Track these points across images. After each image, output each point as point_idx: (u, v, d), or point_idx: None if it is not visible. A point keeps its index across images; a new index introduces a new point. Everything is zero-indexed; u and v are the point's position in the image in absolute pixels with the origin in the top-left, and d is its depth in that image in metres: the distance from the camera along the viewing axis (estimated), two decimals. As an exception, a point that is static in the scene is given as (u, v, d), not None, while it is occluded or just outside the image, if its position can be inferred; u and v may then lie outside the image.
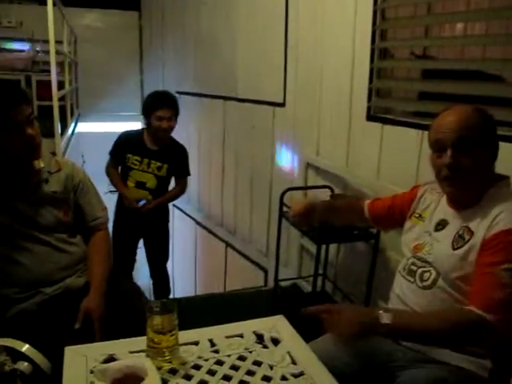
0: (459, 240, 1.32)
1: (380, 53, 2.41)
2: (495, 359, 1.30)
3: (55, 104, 3.02)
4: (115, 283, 1.80)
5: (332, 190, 2.72)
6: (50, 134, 3.34)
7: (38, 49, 5.61)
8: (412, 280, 1.43)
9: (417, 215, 1.53)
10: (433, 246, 1.40)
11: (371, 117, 2.46)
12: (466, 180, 1.33)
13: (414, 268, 1.44)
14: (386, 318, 1.18)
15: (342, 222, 2.05)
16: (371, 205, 1.72)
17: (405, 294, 1.44)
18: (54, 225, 1.72)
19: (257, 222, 3.83)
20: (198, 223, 4.98)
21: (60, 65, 4.34)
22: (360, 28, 2.46)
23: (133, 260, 3.36)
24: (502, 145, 1.71)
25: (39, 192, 1.70)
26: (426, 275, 1.39)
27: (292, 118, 3.18)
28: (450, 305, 1.31)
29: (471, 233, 1.30)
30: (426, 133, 2.04)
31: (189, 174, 3.26)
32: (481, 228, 1.27)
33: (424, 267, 1.40)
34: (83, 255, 1.81)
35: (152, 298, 3.51)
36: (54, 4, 3.11)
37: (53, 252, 1.71)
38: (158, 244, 3.35)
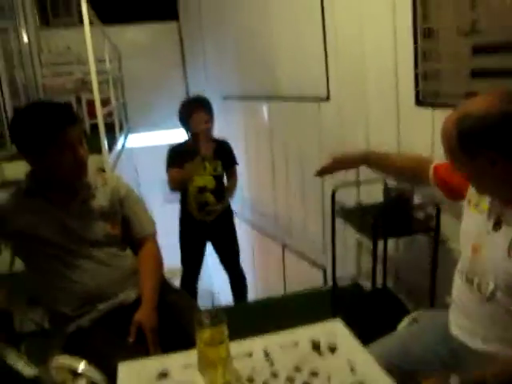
0: None
1: (424, 32, 2.27)
2: None
3: (100, 121, 3.08)
4: (167, 295, 1.79)
5: (386, 183, 2.60)
6: (100, 149, 3.42)
7: (85, 70, 5.79)
8: (470, 288, 1.30)
9: (475, 205, 1.36)
10: (490, 249, 1.25)
11: (420, 102, 2.33)
12: (483, 189, 1.28)
13: (470, 276, 1.30)
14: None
15: (398, 178, 1.93)
16: (436, 169, 1.58)
17: (464, 304, 1.32)
18: (103, 239, 1.74)
19: (311, 220, 3.75)
20: (252, 225, 4.96)
21: (105, 82, 4.46)
22: (400, 8, 2.33)
23: (200, 266, 3.42)
24: None
25: (86, 207, 1.72)
26: (484, 286, 1.25)
27: (338, 111, 3.08)
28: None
29: None
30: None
31: (237, 163, 3.32)
32: None
33: (482, 275, 1.26)
34: (134, 269, 1.81)
35: (230, 298, 3.61)
36: (92, 22, 3.16)
37: (104, 267, 1.72)
38: (227, 243, 3.41)
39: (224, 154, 3.19)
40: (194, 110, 2.98)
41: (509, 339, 1.22)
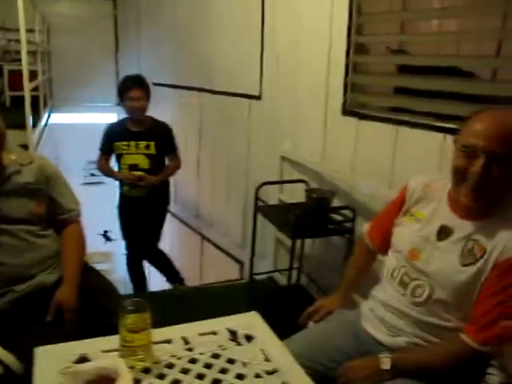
0: (469, 255, 1.22)
1: (356, 47, 2.41)
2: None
3: (27, 95, 2.95)
4: (88, 280, 1.78)
5: (307, 184, 2.73)
6: (22, 125, 3.27)
7: (9, 38, 5.47)
8: (402, 292, 1.34)
9: (409, 213, 1.40)
10: (433, 256, 1.29)
11: (347, 111, 2.47)
12: (491, 194, 1.21)
13: (406, 280, 1.34)
14: (385, 365, 1.26)
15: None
16: (371, 235, 1.59)
17: (391, 303, 1.37)
18: (25, 217, 1.69)
19: (233, 215, 3.82)
20: (173, 215, 4.94)
21: (32, 54, 4.25)
22: (336, 22, 2.45)
23: (142, 242, 3.45)
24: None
25: (10, 184, 1.67)
26: (419, 291, 1.30)
27: (268, 111, 3.17)
28: (438, 326, 1.28)
29: (483, 250, 1.20)
30: (401, 128, 2.10)
31: (176, 149, 3.35)
32: (494, 247, 1.18)
33: (418, 279, 1.31)
34: (56, 249, 1.78)
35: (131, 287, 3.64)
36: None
37: (25, 246, 1.68)
38: (153, 225, 3.43)
39: (160, 137, 3.21)
40: (129, 87, 3.04)
41: (430, 340, 1.30)
